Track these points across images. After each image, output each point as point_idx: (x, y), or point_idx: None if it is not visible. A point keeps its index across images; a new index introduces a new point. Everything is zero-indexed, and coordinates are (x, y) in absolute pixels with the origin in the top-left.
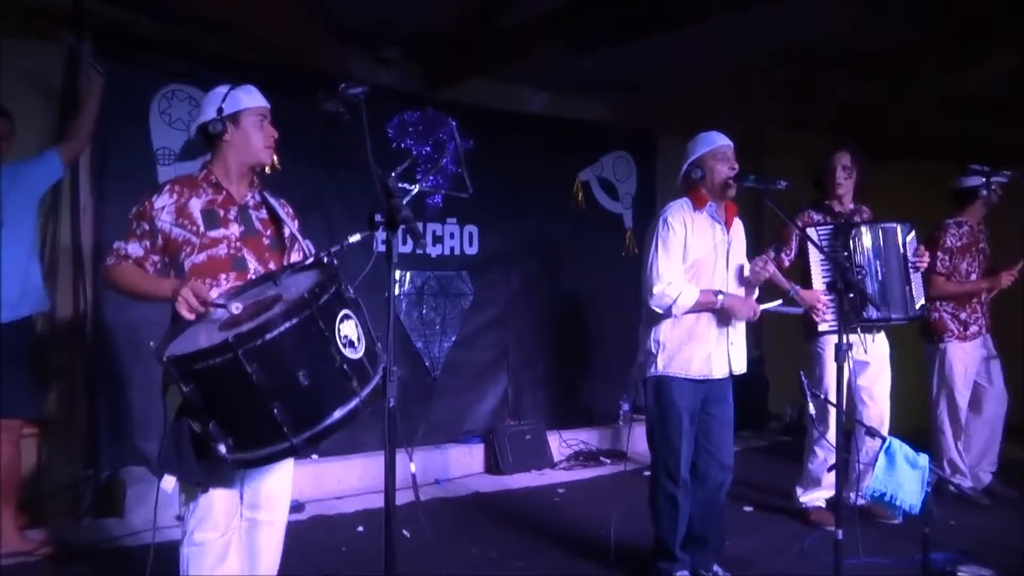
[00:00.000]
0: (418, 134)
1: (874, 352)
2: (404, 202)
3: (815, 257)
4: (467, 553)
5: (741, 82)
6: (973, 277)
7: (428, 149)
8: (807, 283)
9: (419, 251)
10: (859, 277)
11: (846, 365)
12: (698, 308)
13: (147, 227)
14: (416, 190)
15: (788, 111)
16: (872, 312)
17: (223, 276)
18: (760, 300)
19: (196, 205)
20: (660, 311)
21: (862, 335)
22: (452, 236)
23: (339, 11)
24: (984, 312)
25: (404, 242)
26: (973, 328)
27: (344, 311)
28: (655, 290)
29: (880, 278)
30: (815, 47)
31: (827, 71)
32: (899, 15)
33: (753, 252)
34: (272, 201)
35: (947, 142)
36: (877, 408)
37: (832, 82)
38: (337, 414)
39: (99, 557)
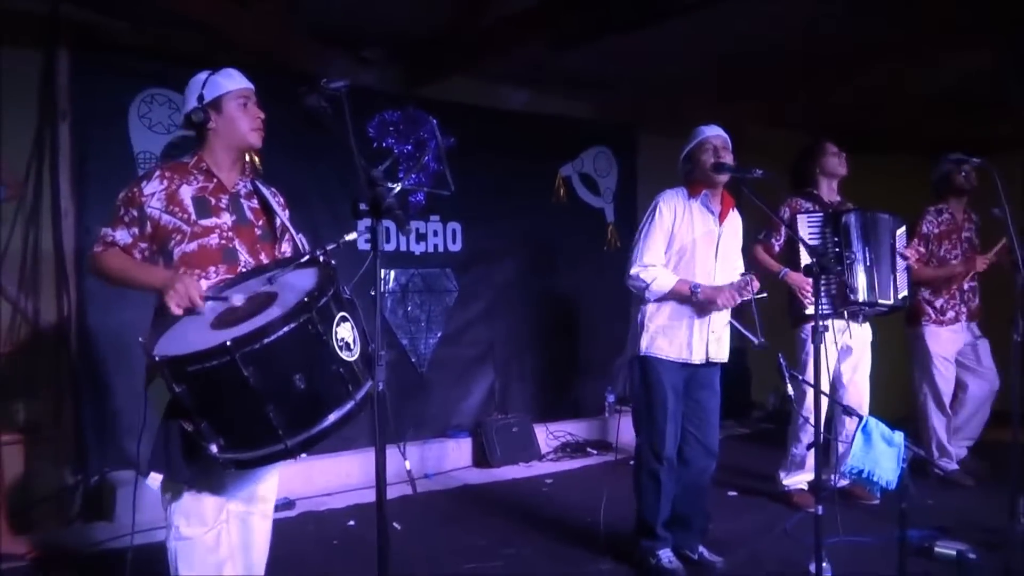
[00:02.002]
0: (399, 133)
1: (857, 338)
2: (389, 191)
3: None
4: (458, 541)
5: (719, 79)
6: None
7: (410, 147)
8: (795, 268)
9: (403, 246)
10: (848, 262)
11: (833, 349)
12: (673, 296)
13: (136, 214)
14: (398, 188)
15: (766, 108)
16: (858, 297)
17: (212, 268)
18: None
19: (187, 192)
20: (634, 291)
21: (848, 321)
22: (436, 233)
23: (318, 12)
24: (964, 299)
25: (388, 239)
26: (950, 314)
27: (341, 313)
28: (631, 271)
29: (868, 264)
30: (792, 45)
31: (805, 68)
32: (874, 14)
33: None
34: (264, 190)
35: (921, 137)
36: (856, 393)
37: (810, 80)
38: (332, 417)
39: (89, 560)
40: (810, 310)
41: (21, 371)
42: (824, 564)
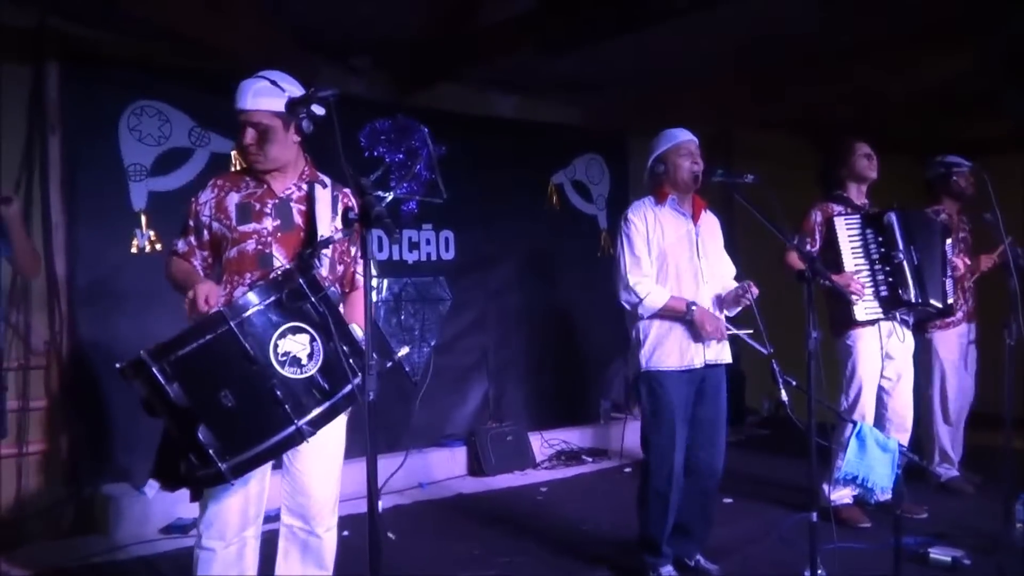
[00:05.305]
0: (390, 141)
1: (901, 346)
2: (380, 200)
3: (845, 244)
4: (451, 552)
5: (709, 82)
6: None
7: (401, 156)
8: (836, 273)
9: (395, 254)
10: (896, 262)
11: (879, 354)
12: (667, 313)
13: (192, 223)
14: (391, 197)
15: (757, 111)
16: (910, 297)
17: (248, 275)
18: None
19: (233, 199)
20: (628, 308)
21: (896, 324)
22: (428, 242)
23: (306, 22)
24: (967, 299)
25: (380, 248)
26: (957, 315)
27: (291, 324)
28: (629, 282)
29: (916, 263)
30: (782, 47)
31: (794, 70)
32: (863, 14)
33: (729, 249)
34: (321, 193)
35: (913, 138)
36: (901, 401)
37: (799, 81)
38: (268, 442)
39: (84, 573)
40: (859, 313)
41: (13, 385)
42: (819, 571)
